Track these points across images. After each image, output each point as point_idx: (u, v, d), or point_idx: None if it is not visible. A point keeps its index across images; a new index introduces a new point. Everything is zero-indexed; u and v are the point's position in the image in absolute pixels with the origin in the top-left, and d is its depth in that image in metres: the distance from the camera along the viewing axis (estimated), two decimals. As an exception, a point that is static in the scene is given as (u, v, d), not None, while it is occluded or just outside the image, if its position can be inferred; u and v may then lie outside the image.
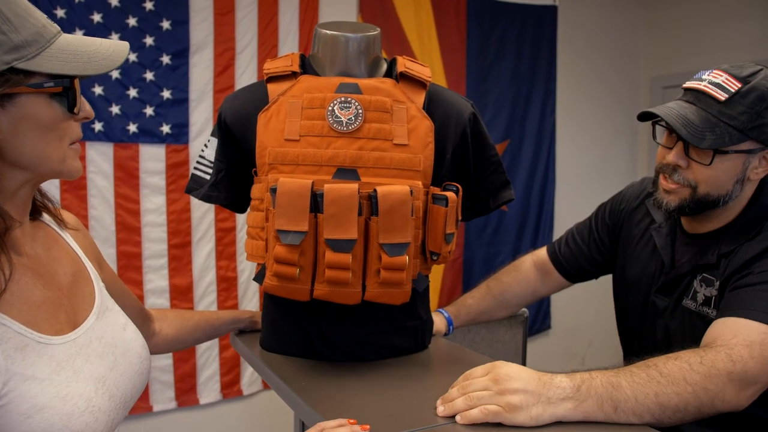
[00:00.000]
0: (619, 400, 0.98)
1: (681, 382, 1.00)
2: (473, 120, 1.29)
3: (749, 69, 1.21)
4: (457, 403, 1.01)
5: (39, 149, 0.82)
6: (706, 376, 1.01)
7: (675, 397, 0.99)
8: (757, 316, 1.10)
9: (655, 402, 0.99)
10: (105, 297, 1.02)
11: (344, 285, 1.14)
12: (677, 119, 1.21)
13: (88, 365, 0.88)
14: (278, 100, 1.19)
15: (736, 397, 1.04)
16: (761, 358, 1.06)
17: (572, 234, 1.65)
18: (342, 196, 1.10)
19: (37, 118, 0.81)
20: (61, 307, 0.90)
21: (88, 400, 0.84)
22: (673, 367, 1.02)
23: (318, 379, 1.19)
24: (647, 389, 0.99)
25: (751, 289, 1.15)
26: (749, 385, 1.05)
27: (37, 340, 0.83)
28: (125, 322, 1.02)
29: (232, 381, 2.92)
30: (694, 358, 1.03)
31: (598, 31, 3.96)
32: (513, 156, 3.62)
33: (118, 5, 2.54)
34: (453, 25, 3.37)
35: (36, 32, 0.80)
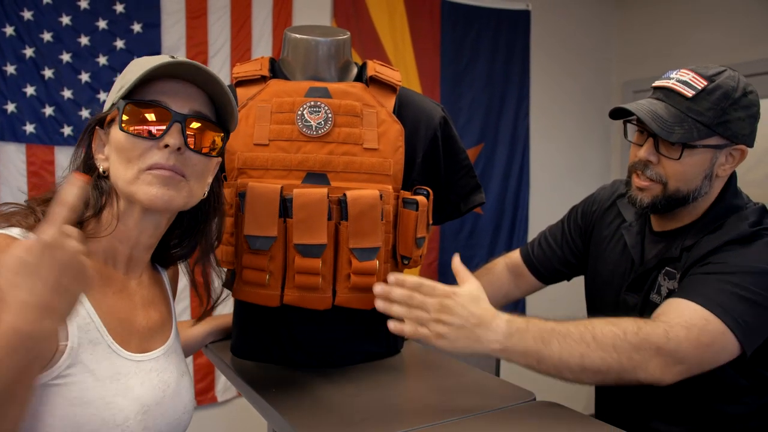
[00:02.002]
0: (544, 355, 1.06)
1: (609, 348, 1.07)
2: (444, 124, 1.29)
3: (714, 69, 1.27)
4: (395, 308, 1.08)
5: (114, 168, 0.91)
6: (636, 346, 1.07)
7: (599, 361, 1.06)
8: (703, 301, 1.14)
9: (578, 363, 1.06)
10: (177, 341, 1.08)
11: (314, 290, 1.13)
12: (647, 114, 1.25)
13: (140, 389, 0.92)
14: (247, 104, 1.18)
15: (661, 371, 1.09)
16: (696, 341, 1.10)
17: (545, 236, 1.66)
18: (311, 201, 1.09)
19: (115, 141, 0.91)
20: (136, 333, 0.96)
21: (126, 419, 0.87)
22: (607, 333, 1.08)
23: (289, 386, 1.18)
24: (574, 350, 1.06)
25: (705, 276, 1.19)
26: (676, 364, 1.09)
27: (109, 344, 0.89)
28: (185, 371, 1.06)
29: (207, 388, 2.89)
30: (631, 327, 1.09)
31: (570, 36, 3.99)
32: (487, 159, 3.64)
33: (88, 8, 2.51)
34: (427, 29, 3.38)
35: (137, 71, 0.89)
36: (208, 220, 1.04)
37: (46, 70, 2.47)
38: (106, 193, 0.93)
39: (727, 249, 1.22)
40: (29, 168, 2.47)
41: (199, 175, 0.93)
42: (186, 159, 0.90)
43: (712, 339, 1.11)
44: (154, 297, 1.03)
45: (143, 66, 0.89)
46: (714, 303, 1.13)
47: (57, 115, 2.50)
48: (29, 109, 2.46)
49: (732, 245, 1.22)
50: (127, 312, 0.95)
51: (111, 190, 0.92)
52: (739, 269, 1.18)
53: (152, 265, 1.08)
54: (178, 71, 0.91)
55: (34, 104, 2.47)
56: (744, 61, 3.31)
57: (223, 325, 1.44)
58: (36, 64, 2.45)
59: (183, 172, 0.90)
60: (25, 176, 2.47)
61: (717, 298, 1.14)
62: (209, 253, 1.06)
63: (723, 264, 1.20)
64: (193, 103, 0.93)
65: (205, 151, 0.93)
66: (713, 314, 1.12)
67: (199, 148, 0.92)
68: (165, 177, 0.89)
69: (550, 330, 1.08)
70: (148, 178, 0.89)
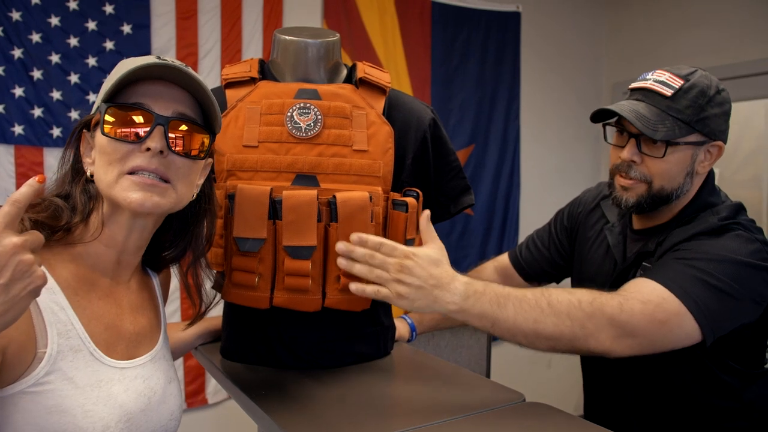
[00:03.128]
0: (498, 318, 1.09)
1: (563, 315, 1.10)
2: (433, 125, 1.29)
3: (687, 69, 1.31)
4: (356, 267, 1.08)
5: (97, 173, 0.91)
6: (590, 315, 1.10)
7: (551, 327, 1.09)
8: (664, 282, 1.16)
9: (532, 328, 1.09)
10: (165, 347, 1.07)
11: (304, 292, 1.13)
12: (631, 113, 1.26)
13: (123, 396, 0.90)
14: (237, 105, 1.18)
15: (611, 341, 1.11)
16: (650, 317, 1.12)
17: (532, 239, 1.68)
18: (301, 203, 1.09)
19: (97, 145, 0.90)
20: (123, 339, 0.95)
21: (105, 427, 0.86)
22: (563, 300, 1.11)
23: (279, 388, 1.18)
24: (528, 315, 1.09)
25: (672, 261, 1.22)
26: (627, 336, 1.12)
27: (91, 351, 0.88)
28: (173, 378, 1.05)
29: (197, 390, 2.88)
30: (586, 297, 1.12)
31: (561, 38, 4.01)
32: (478, 160, 3.64)
33: (77, 8, 2.50)
34: (418, 31, 3.39)
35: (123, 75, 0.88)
36: (199, 222, 1.03)
37: (35, 71, 2.46)
38: (94, 198, 0.92)
39: (695, 239, 1.25)
40: (18, 169, 2.46)
41: (184, 177, 0.92)
42: (169, 162, 0.89)
43: (667, 317, 1.13)
44: (142, 301, 1.03)
45: (127, 68, 0.88)
46: (675, 284, 1.15)
47: (46, 116, 2.49)
48: (18, 111, 2.44)
49: (701, 236, 1.25)
50: (114, 318, 0.94)
51: (98, 195, 0.92)
52: (706, 256, 1.20)
53: (143, 269, 1.07)
54: (161, 73, 0.90)
55: (22, 105, 2.45)
56: (732, 63, 3.34)
57: (213, 327, 1.44)
58: (24, 65, 2.44)
59: (166, 176, 0.89)
60: (13, 177, 2.45)
61: (678, 280, 1.16)
62: (201, 256, 1.06)
63: (690, 251, 1.22)
64: (177, 105, 0.91)
65: (191, 154, 0.92)
66: (672, 293, 1.14)
67: (183, 151, 0.91)
68: (146, 183, 0.88)
69: (506, 294, 1.11)
70: (126, 183, 0.87)
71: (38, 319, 0.83)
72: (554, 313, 1.09)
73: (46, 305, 0.84)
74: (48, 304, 0.84)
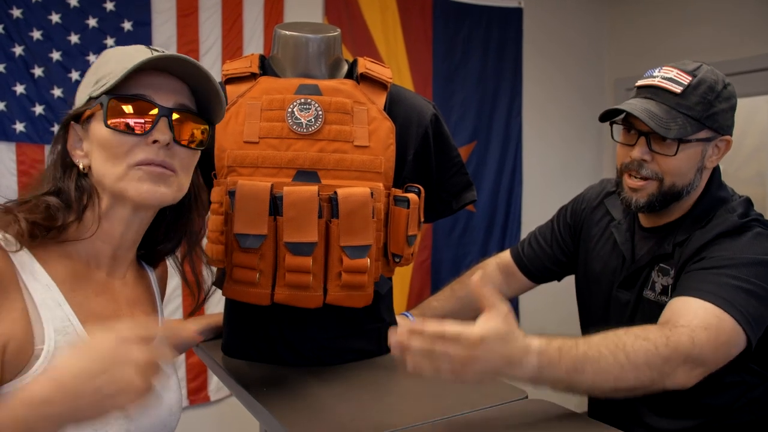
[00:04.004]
0: (576, 383, 1.02)
1: (643, 366, 1.04)
2: (435, 121, 1.28)
3: (692, 64, 1.29)
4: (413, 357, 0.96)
5: (98, 166, 0.89)
6: (667, 359, 1.05)
7: (633, 381, 1.04)
8: (711, 299, 1.14)
9: (612, 386, 1.04)
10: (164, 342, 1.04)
11: (305, 289, 1.12)
12: (643, 112, 1.25)
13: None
14: (237, 101, 1.17)
15: (686, 377, 1.08)
16: (716, 341, 1.09)
17: (535, 236, 1.67)
18: (302, 199, 1.09)
19: (96, 137, 0.89)
20: None
21: (104, 423, 0.85)
22: (639, 349, 1.05)
23: (280, 385, 1.18)
24: (608, 374, 1.03)
25: (704, 272, 1.20)
26: (699, 367, 1.09)
27: None
28: (171, 373, 1.04)
29: (199, 387, 2.88)
30: (660, 339, 1.06)
31: (563, 33, 4.00)
32: (480, 157, 3.64)
33: (78, 5, 2.50)
34: (419, 27, 3.38)
35: (117, 65, 0.88)
36: (191, 213, 1.03)
37: (36, 69, 2.46)
38: (87, 193, 0.91)
39: (719, 242, 1.23)
40: (19, 167, 2.46)
41: (186, 168, 0.93)
42: (174, 153, 0.90)
43: (728, 337, 1.11)
44: (139, 296, 1.02)
45: (123, 58, 0.88)
46: (720, 298, 1.13)
47: (47, 113, 2.49)
48: (19, 108, 2.44)
49: (723, 238, 1.24)
50: (111, 313, 0.94)
51: (92, 189, 0.91)
52: (734, 261, 1.18)
53: (139, 264, 1.07)
54: (166, 65, 0.90)
55: (23, 103, 2.45)
56: (735, 59, 3.33)
57: (214, 323, 1.44)
58: (25, 63, 2.44)
59: (172, 166, 0.90)
60: (15, 175, 2.45)
61: (721, 293, 1.14)
62: (196, 246, 1.06)
63: (717, 258, 1.20)
64: (177, 96, 0.92)
65: (192, 145, 0.93)
66: (723, 310, 1.12)
67: (186, 142, 0.92)
68: (156, 173, 0.88)
69: (582, 358, 1.02)
70: (137, 174, 0.88)
71: (35, 316, 0.82)
72: (634, 367, 1.03)
73: (43, 301, 0.84)
74: (44, 301, 0.84)
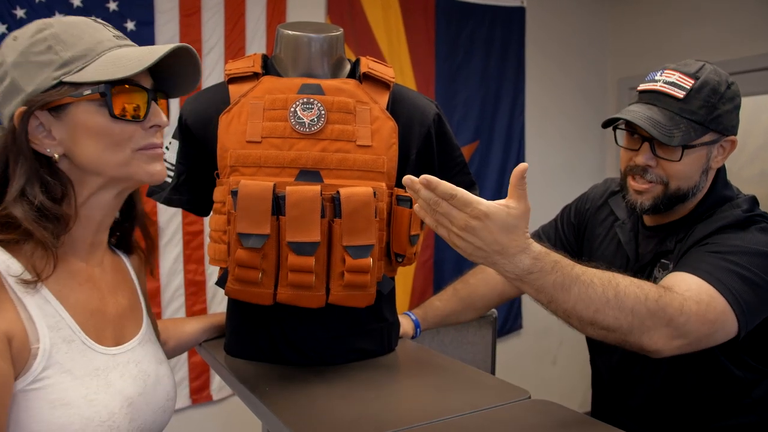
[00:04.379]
0: (557, 299, 1.01)
1: (627, 309, 1.03)
2: (438, 121, 1.28)
3: (695, 65, 1.28)
4: (416, 206, 1.00)
5: (95, 154, 0.88)
6: (652, 313, 1.04)
7: (611, 320, 1.03)
8: (707, 277, 1.13)
9: (590, 317, 1.02)
10: (150, 330, 1.07)
11: (308, 288, 1.12)
12: (646, 121, 1.24)
13: (120, 382, 0.91)
14: (240, 101, 1.17)
15: (664, 341, 1.06)
16: (703, 317, 1.08)
17: (538, 235, 1.67)
18: (304, 198, 1.09)
19: (86, 125, 0.87)
20: (109, 323, 0.96)
21: (111, 414, 0.87)
22: (630, 293, 1.04)
23: (282, 385, 1.18)
24: (590, 303, 1.01)
25: (705, 254, 1.19)
26: (680, 337, 1.08)
27: (83, 340, 0.88)
28: (162, 359, 1.06)
29: (202, 386, 2.88)
30: (652, 294, 1.06)
31: (565, 33, 3.99)
32: (483, 157, 3.63)
33: (81, 5, 2.50)
34: (422, 26, 3.38)
35: (87, 48, 0.87)
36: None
37: (39, 68, 2.46)
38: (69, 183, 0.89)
39: (722, 232, 1.23)
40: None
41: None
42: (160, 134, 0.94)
43: (716, 316, 1.10)
44: (118, 282, 1.03)
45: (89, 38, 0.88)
46: (716, 279, 1.13)
47: (50, 113, 2.49)
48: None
49: (727, 229, 1.23)
50: (97, 302, 0.94)
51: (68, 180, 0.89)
52: (737, 249, 1.18)
53: (112, 251, 1.07)
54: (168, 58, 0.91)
55: (26, 102, 2.45)
56: (737, 58, 3.32)
57: (219, 322, 1.44)
58: (28, 62, 2.44)
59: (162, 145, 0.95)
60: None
61: (717, 274, 1.13)
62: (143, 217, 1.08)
63: (720, 244, 1.20)
64: (147, 77, 0.93)
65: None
66: (716, 290, 1.11)
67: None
68: (159, 154, 0.93)
69: (573, 278, 1.01)
70: (143, 157, 0.91)
71: (25, 315, 0.82)
72: (618, 306, 1.02)
73: (30, 300, 0.84)
74: (33, 299, 0.84)
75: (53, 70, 0.86)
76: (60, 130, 0.88)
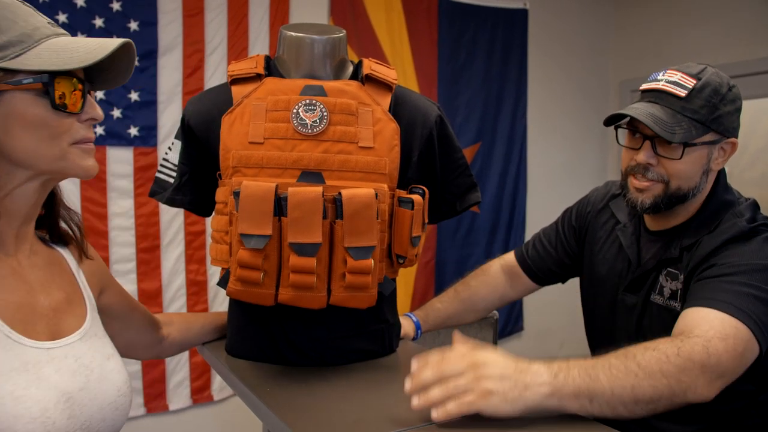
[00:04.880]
0: (595, 392, 0.99)
1: (657, 374, 1.02)
2: (440, 123, 1.28)
3: (697, 67, 1.29)
4: (433, 394, 0.99)
5: (30, 146, 0.84)
6: (682, 368, 1.03)
7: (650, 390, 1.01)
8: (725, 308, 1.12)
9: (630, 395, 1.00)
10: (96, 324, 1.02)
11: (309, 289, 1.12)
12: (648, 117, 1.25)
13: (56, 377, 0.86)
14: (242, 102, 1.18)
15: (707, 388, 1.06)
16: (734, 352, 1.08)
17: (539, 238, 1.67)
18: (306, 200, 1.09)
19: (23, 116, 0.83)
20: (42, 317, 0.91)
21: (44, 410, 0.82)
22: (650, 359, 1.03)
23: (284, 385, 1.18)
24: (624, 382, 1.00)
25: (717, 280, 1.18)
26: (719, 378, 1.07)
27: (7, 334, 0.83)
28: (111, 354, 1.00)
29: (203, 386, 2.89)
30: (671, 350, 1.05)
31: (568, 35, 4.00)
32: (485, 158, 3.64)
33: (84, 6, 2.50)
34: (424, 28, 3.38)
35: (23, 34, 0.82)
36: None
37: (42, 68, 2.46)
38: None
39: (728, 248, 1.23)
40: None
41: None
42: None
43: (744, 347, 1.10)
44: (53, 276, 0.98)
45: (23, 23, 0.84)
46: (735, 308, 1.12)
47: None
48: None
49: (731, 244, 1.23)
50: (24, 295, 0.90)
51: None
52: (744, 268, 1.18)
53: (48, 245, 1.03)
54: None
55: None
56: (739, 61, 3.32)
57: (219, 322, 1.45)
58: (32, 62, 2.44)
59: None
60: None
61: (735, 302, 1.13)
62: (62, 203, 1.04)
63: (727, 264, 1.19)
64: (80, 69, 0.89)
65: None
66: (738, 320, 1.11)
67: None
68: (90, 149, 0.90)
69: (592, 364, 1.02)
70: (78, 151, 0.88)
71: None
72: (648, 375, 1.01)
73: None
74: None
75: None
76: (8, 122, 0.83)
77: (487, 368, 0.98)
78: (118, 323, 1.14)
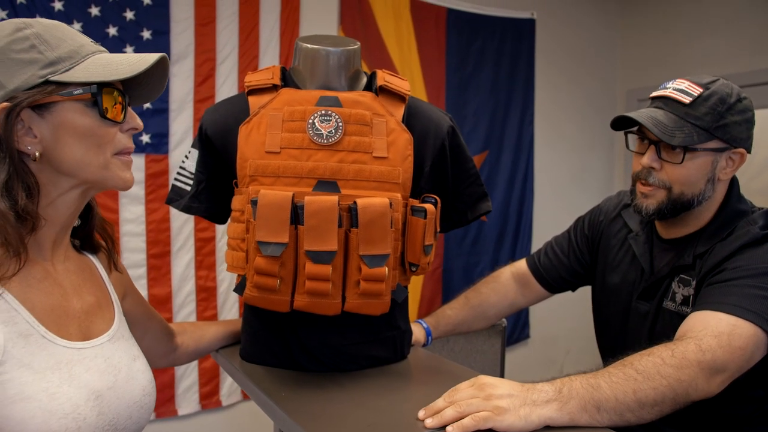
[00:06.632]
0: (600, 400, 1.01)
1: (656, 376, 1.05)
2: (452, 133, 1.31)
3: (708, 78, 1.32)
4: (446, 412, 1.02)
5: (78, 155, 0.90)
6: (679, 367, 1.06)
7: (652, 392, 1.04)
8: (727, 309, 1.15)
9: (634, 399, 1.03)
10: (123, 327, 1.07)
11: (324, 296, 1.14)
12: (648, 120, 1.28)
13: (86, 375, 0.91)
14: (259, 112, 1.20)
15: (707, 384, 1.09)
16: (729, 347, 1.10)
17: (551, 246, 1.68)
18: (322, 208, 1.11)
19: (74, 125, 0.89)
20: (74, 319, 0.95)
21: (75, 407, 0.86)
22: (647, 363, 1.06)
23: (298, 390, 1.20)
24: (626, 387, 1.03)
25: (725, 284, 1.21)
26: (718, 373, 1.09)
27: (42, 334, 0.87)
28: (137, 355, 1.05)
29: (211, 392, 2.90)
30: (665, 352, 1.08)
31: (575, 45, 4.02)
32: (492, 166, 3.65)
33: (99, 15, 2.54)
34: (433, 37, 3.41)
35: (72, 50, 0.90)
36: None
37: (57, 76, 2.49)
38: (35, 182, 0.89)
39: (740, 253, 1.24)
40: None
41: None
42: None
43: (745, 342, 1.12)
44: (84, 281, 1.03)
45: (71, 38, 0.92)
46: (737, 307, 1.14)
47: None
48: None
49: (745, 249, 1.25)
50: (58, 297, 0.94)
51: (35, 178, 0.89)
52: (753, 272, 1.20)
53: (79, 252, 1.08)
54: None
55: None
56: (747, 71, 3.34)
57: (233, 328, 1.47)
58: (46, 70, 2.47)
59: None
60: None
61: (743, 303, 1.15)
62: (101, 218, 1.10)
63: (738, 269, 1.21)
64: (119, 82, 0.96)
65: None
66: (738, 317, 1.13)
67: None
68: (131, 161, 0.96)
69: (592, 375, 1.05)
70: (118, 163, 0.94)
71: None
72: (647, 378, 1.04)
73: None
74: None
75: (38, 68, 0.87)
76: (42, 129, 0.88)
77: (495, 388, 1.03)
78: (136, 330, 1.17)
